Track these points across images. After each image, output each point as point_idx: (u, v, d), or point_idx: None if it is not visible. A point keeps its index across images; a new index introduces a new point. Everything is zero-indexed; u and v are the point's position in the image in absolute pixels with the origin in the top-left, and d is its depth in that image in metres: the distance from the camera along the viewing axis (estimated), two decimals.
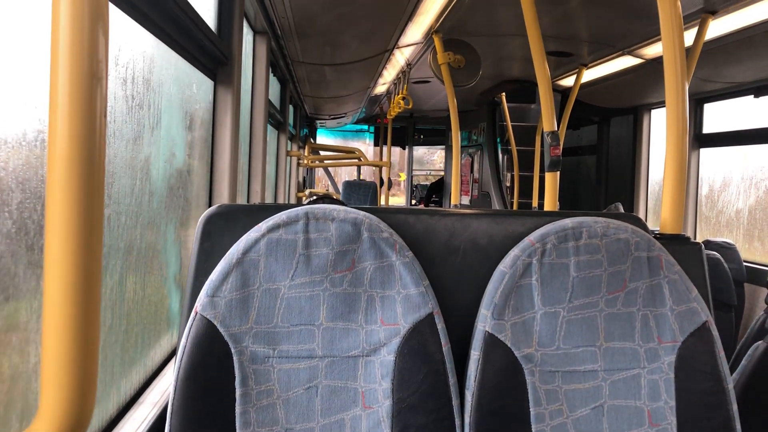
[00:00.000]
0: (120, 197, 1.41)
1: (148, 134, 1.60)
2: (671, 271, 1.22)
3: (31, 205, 0.99)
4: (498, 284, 1.20)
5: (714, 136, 4.50)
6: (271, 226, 1.15)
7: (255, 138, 3.24)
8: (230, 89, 2.28)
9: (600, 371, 1.20)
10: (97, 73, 0.64)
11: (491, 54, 4.35)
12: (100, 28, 0.64)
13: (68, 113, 0.62)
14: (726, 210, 4.39)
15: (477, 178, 6.85)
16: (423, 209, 1.34)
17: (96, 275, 0.66)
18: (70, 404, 0.64)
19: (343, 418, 1.15)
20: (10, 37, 0.96)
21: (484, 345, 1.18)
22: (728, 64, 3.69)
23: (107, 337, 1.37)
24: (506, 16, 3.47)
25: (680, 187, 1.51)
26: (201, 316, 1.11)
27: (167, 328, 1.89)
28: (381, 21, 3.55)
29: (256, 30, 3.26)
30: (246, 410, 1.11)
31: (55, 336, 0.64)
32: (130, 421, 1.44)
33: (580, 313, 1.20)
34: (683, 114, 1.51)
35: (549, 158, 2.48)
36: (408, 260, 1.18)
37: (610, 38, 3.75)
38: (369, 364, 1.17)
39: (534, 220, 1.29)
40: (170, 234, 1.89)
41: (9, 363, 0.98)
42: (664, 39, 1.53)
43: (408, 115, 9.50)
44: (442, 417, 1.15)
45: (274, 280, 1.14)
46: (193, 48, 1.88)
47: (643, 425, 1.19)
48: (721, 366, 1.20)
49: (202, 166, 2.22)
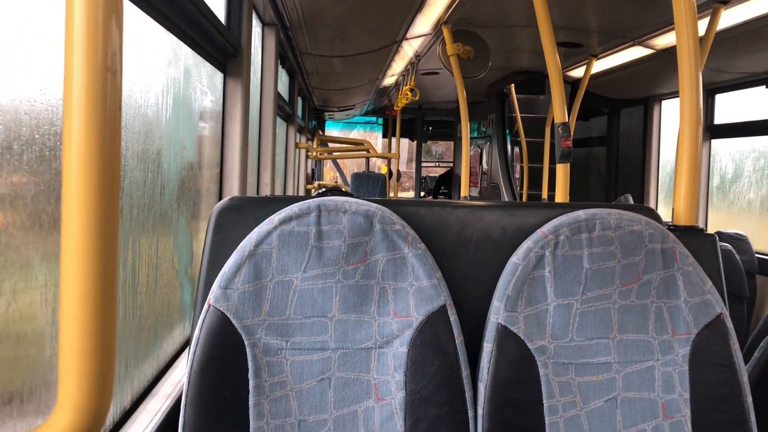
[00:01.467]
0: (132, 189, 1.41)
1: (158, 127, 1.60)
2: (685, 263, 1.21)
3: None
4: (511, 276, 1.19)
5: (726, 127, 4.46)
6: (283, 218, 1.15)
7: (264, 130, 3.24)
8: (240, 81, 2.28)
9: (613, 363, 1.20)
10: (111, 65, 0.64)
11: (500, 45, 4.33)
12: (114, 21, 0.64)
13: (83, 106, 0.62)
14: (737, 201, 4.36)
15: (486, 170, 6.83)
16: (435, 201, 1.34)
17: (112, 268, 0.66)
18: (88, 397, 0.64)
19: (356, 410, 1.16)
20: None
21: (497, 337, 1.18)
22: (740, 54, 3.66)
23: (121, 328, 1.37)
24: (516, 6, 3.45)
25: (694, 179, 1.49)
26: (214, 308, 1.11)
27: (179, 320, 1.90)
28: (390, 12, 3.53)
29: (265, 22, 3.26)
30: (259, 402, 1.12)
31: (73, 329, 0.64)
32: (144, 412, 1.44)
33: (593, 305, 1.20)
34: (697, 105, 1.49)
35: (560, 149, 2.47)
36: (420, 252, 1.18)
37: (621, 29, 3.72)
38: (382, 356, 1.17)
39: (546, 212, 1.29)
40: (182, 226, 1.89)
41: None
42: (677, 29, 1.52)
43: (417, 107, 9.47)
44: (455, 409, 1.15)
45: (287, 272, 1.14)
46: (202, 40, 1.88)
47: (656, 417, 1.19)
48: (735, 358, 1.19)
49: (213, 157, 2.22)
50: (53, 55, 1.01)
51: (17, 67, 0.94)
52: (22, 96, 0.93)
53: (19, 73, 0.94)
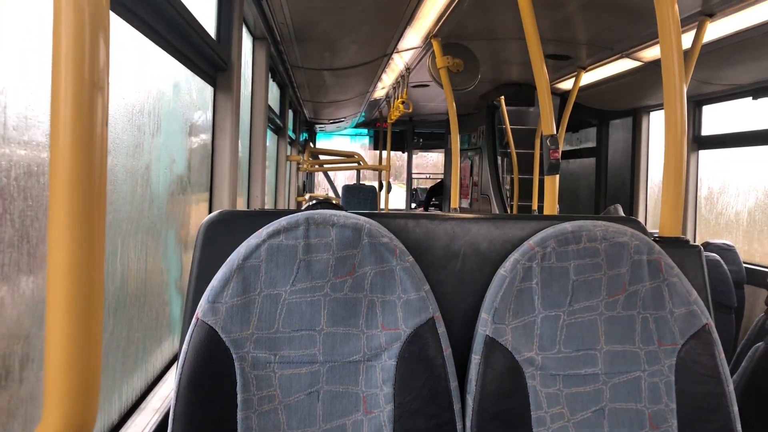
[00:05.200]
0: (120, 204, 1.41)
1: (149, 141, 1.60)
2: (671, 274, 1.22)
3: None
4: (498, 288, 1.20)
5: (713, 138, 4.50)
6: (271, 232, 1.15)
7: (255, 143, 3.25)
8: (230, 95, 2.29)
9: (601, 374, 1.20)
10: (98, 82, 0.64)
11: (490, 57, 4.36)
12: (101, 37, 0.65)
13: (70, 122, 0.63)
14: (725, 212, 4.39)
15: (477, 181, 6.86)
16: (423, 214, 1.34)
17: (98, 282, 0.66)
18: (73, 410, 0.64)
19: (345, 423, 1.16)
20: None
21: (484, 349, 1.18)
22: (726, 66, 3.70)
23: (109, 342, 1.37)
24: (504, 19, 3.48)
25: (679, 190, 1.51)
26: (202, 322, 1.11)
27: (168, 334, 1.89)
28: (380, 26, 3.55)
29: (256, 36, 3.27)
30: (248, 416, 1.11)
31: (59, 342, 0.64)
32: (132, 427, 1.44)
33: (580, 317, 1.21)
34: (681, 116, 1.51)
35: (548, 162, 2.48)
36: (408, 265, 1.18)
37: (609, 41, 3.76)
38: (370, 369, 1.17)
39: (533, 224, 1.30)
40: (171, 240, 1.89)
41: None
42: (662, 42, 1.53)
43: (407, 119, 9.50)
44: (443, 421, 1.15)
45: (275, 285, 1.14)
46: (192, 54, 1.89)
47: (644, 428, 1.19)
48: (721, 368, 1.20)
49: (202, 171, 2.22)
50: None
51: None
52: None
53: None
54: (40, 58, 1.02)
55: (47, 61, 0.65)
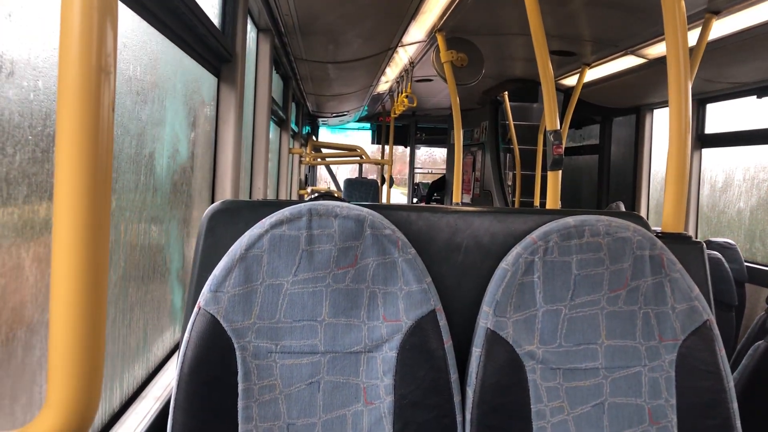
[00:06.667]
0: (123, 192, 1.41)
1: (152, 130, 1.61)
2: (673, 270, 1.22)
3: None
4: (500, 281, 1.20)
5: (716, 137, 4.49)
6: (274, 222, 1.15)
7: (257, 135, 3.25)
8: (234, 86, 2.29)
9: (601, 369, 1.21)
10: (105, 67, 0.64)
11: (494, 53, 4.35)
12: (108, 23, 0.65)
13: (77, 107, 0.63)
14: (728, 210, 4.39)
15: (479, 177, 6.85)
16: (425, 207, 1.34)
17: (103, 268, 0.66)
18: (77, 396, 0.64)
19: (345, 414, 1.16)
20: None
21: (485, 342, 1.18)
22: (731, 64, 3.69)
23: (111, 330, 1.37)
24: (509, 15, 3.47)
25: (682, 187, 1.51)
26: (204, 311, 1.12)
27: (170, 323, 1.90)
28: (384, 19, 3.55)
29: (260, 27, 3.27)
30: (248, 405, 1.12)
31: (62, 328, 0.64)
32: (133, 415, 1.44)
33: (581, 311, 1.21)
34: (686, 114, 1.51)
35: (551, 157, 2.48)
36: (410, 257, 1.19)
37: (614, 38, 3.75)
38: (371, 360, 1.17)
39: (536, 218, 1.30)
40: (173, 229, 1.90)
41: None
42: (667, 39, 1.53)
43: (410, 114, 9.49)
44: (443, 413, 1.16)
45: (277, 275, 1.15)
46: (197, 45, 1.89)
47: (643, 423, 1.19)
48: (721, 364, 1.20)
49: (206, 161, 2.22)
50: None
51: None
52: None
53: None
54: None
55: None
